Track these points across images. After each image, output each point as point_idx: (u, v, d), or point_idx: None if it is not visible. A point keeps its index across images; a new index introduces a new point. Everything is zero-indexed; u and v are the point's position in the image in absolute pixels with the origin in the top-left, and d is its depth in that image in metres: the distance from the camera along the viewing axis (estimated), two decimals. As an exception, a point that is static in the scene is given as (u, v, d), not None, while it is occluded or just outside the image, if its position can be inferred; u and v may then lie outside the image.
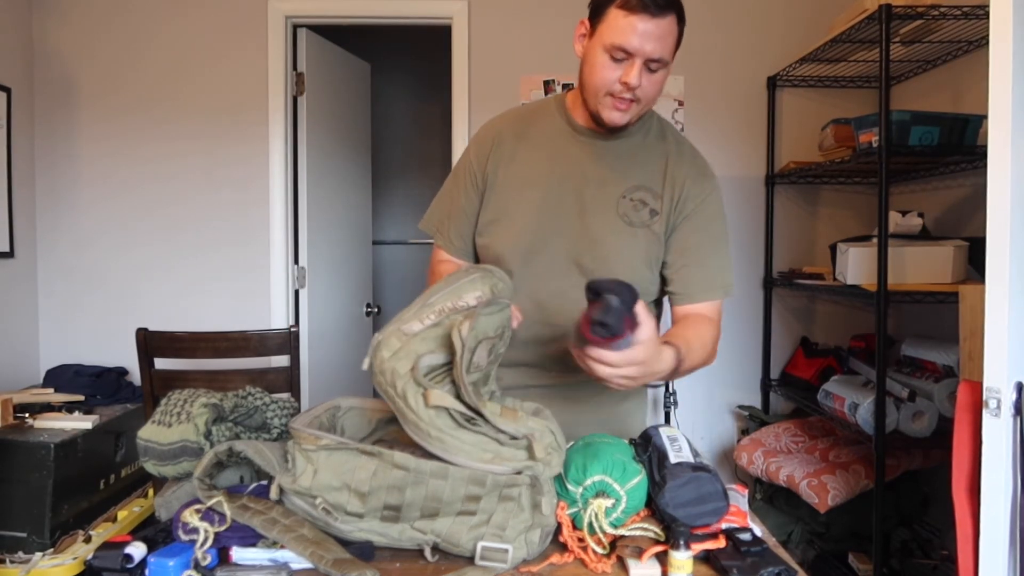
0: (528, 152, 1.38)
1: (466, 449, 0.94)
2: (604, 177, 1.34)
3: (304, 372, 3.03)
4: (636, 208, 1.32)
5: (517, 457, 0.96)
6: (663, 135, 1.39)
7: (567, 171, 1.35)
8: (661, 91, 1.28)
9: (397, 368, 0.97)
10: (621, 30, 1.17)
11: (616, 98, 1.24)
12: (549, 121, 1.39)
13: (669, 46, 1.20)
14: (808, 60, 2.75)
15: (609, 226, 1.32)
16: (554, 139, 1.37)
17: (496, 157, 1.38)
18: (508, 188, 1.37)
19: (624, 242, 1.32)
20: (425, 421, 0.94)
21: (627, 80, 1.20)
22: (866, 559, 2.36)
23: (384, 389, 0.98)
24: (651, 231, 1.33)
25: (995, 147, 1.45)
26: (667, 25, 1.17)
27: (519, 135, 1.39)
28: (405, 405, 0.95)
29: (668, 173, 1.35)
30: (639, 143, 1.37)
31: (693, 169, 1.37)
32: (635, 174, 1.34)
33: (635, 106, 1.25)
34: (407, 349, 0.99)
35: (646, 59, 1.19)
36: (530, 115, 1.42)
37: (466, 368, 0.95)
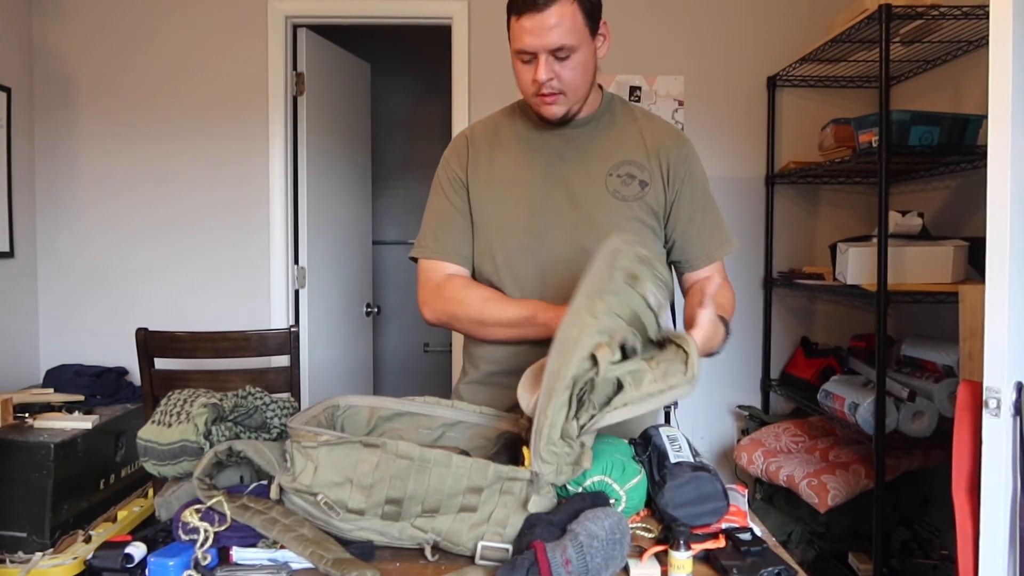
0: (504, 153, 1.40)
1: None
2: (585, 161, 1.37)
3: (304, 372, 3.03)
4: (625, 183, 1.35)
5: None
6: (630, 113, 1.44)
7: (547, 163, 1.37)
8: (589, 72, 1.31)
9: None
10: (517, 35, 1.23)
11: (541, 96, 1.28)
12: (517, 123, 1.42)
13: (566, 31, 1.22)
14: (808, 60, 2.75)
15: (603, 205, 1.34)
16: (526, 137, 1.40)
17: (474, 162, 1.40)
18: (492, 191, 1.38)
19: (620, 216, 1.34)
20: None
21: (537, 77, 1.25)
22: (866, 559, 2.36)
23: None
24: (645, 202, 1.36)
25: (995, 147, 1.45)
26: (557, 13, 1.21)
27: (491, 140, 1.42)
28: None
29: (647, 145, 1.39)
30: (608, 124, 1.40)
31: (669, 137, 1.42)
32: (615, 152, 1.37)
33: (563, 97, 1.28)
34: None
35: (548, 51, 1.23)
36: (497, 121, 1.45)
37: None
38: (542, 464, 0.97)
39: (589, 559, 0.85)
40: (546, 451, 0.96)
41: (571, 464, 0.98)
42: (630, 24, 3.05)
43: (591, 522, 0.89)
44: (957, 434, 1.57)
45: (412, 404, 1.29)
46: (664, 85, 3.07)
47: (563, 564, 0.84)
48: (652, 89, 3.07)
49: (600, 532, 0.87)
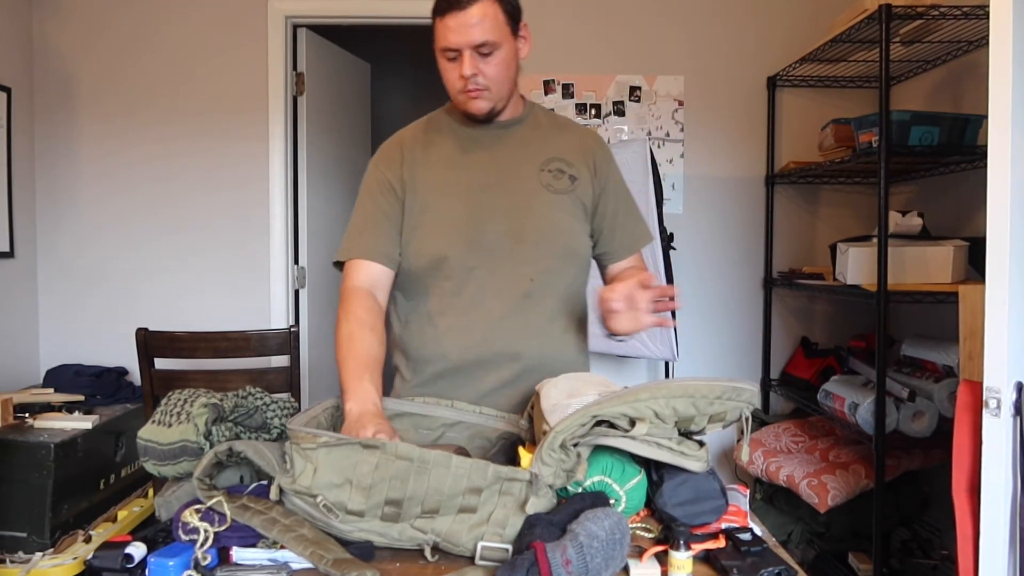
0: (437, 154, 1.43)
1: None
2: (516, 157, 1.42)
3: (304, 372, 3.03)
4: (556, 177, 1.41)
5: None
6: (553, 118, 1.52)
7: (480, 162, 1.41)
8: (511, 70, 1.35)
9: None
10: (442, 34, 1.28)
11: (466, 92, 1.32)
12: (447, 124, 1.46)
13: (488, 29, 1.27)
14: (808, 60, 2.75)
15: (538, 197, 1.39)
16: (457, 139, 1.44)
17: (410, 163, 1.42)
18: (430, 190, 1.40)
19: (555, 208, 1.40)
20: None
21: (462, 73, 1.30)
22: (866, 559, 2.36)
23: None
24: (575, 196, 1.42)
25: (995, 147, 1.45)
26: (479, 11, 1.26)
27: (424, 142, 1.45)
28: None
29: (574, 145, 1.46)
30: (534, 126, 1.46)
31: (592, 139, 1.50)
32: (544, 150, 1.44)
33: (487, 93, 1.33)
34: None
35: (472, 47, 1.27)
36: (427, 125, 1.49)
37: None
38: (542, 466, 0.97)
39: (589, 559, 0.85)
40: (547, 454, 0.97)
41: (566, 471, 1.00)
42: (630, 24, 3.05)
43: (591, 522, 0.89)
44: (957, 434, 1.57)
45: (412, 404, 1.29)
46: (664, 85, 3.07)
47: (563, 564, 0.84)
48: (652, 89, 3.07)
49: (600, 532, 0.87)
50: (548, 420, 1.06)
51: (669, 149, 3.08)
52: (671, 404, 1.01)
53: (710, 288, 3.10)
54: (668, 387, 1.02)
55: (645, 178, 2.60)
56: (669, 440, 1.02)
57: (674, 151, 3.08)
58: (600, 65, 3.06)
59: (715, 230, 3.10)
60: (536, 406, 1.15)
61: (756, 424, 2.93)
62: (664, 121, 3.08)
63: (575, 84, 3.07)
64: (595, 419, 1.01)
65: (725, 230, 3.10)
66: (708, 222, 3.09)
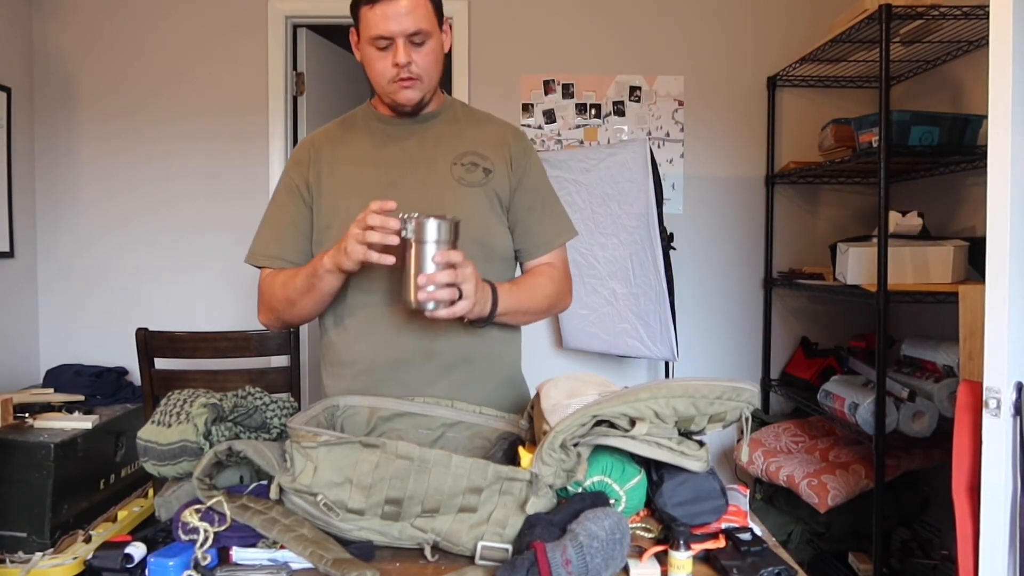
0: (349, 152, 1.42)
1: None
2: (430, 153, 1.41)
3: (304, 372, 3.03)
4: (469, 170, 1.40)
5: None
6: (471, 112, 1.50)
7: (392, 157, 1.40)
8: (440, 62, 1.36)
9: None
10: (374, 22, 1.27)
11: (399, 81, 1.32)
12: (361, 122, 1.46)
13: (421, 17, 1.27)
14: (808, 60, 2.75)
15: (449, 191, 1.38)
16: (371, 135, 1.43)
17: (317, 165, 1.42)
18: (338, 189, 1.39)
19: (465, 201, 1.37)
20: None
21: (397, 60, 1.28)
22: (866, 559, 2.36)
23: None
24: (489, 188, 1.40)
25: (995, 147, 1.45)
26: (411, 1, 1.26)
27: (335, 140, 1.45)
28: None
29: (490, 138, 1.44)
30: (451, 119, 1.45)
31: (509, 132, 1.47)
32: (459, 144, 1.42)
33: (419, 83, 1.33)
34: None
35: (405, 36, 1.27)
36: (341, 124, 1.49)
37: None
38: (542, 466, 0.97)
39: (589, 559, 0.85)
40: (547, 454, 0.97)
41: (566, 471, 1.00)
42: (630, 24, 3.05)
43: (591, 522, 0.89)
44: (957, 434, 1.57)
45: (412, 404, 1.29)
46: (664, 85, 3.07)
47: (563, 564, 0.84)
48: (652, 89, 3.07)
49: (600, 532, 0.87)
50: (548, 420, 1.06)
51: (669, 149, 3.08)
52: (671, 404, 1.01)
53: (710, 288, 3.10)
54: (668, 387, 1.02)
55: (645, 178, 2.60)
56: (669, 440, 1.02)
57: (674, 151, 3.08)
58: (600, 65, 3.06)
59: (715, 230, 3.10)
60: (536, 406, 1.15)
61: (756, 424, 2.93)
62: (664, 121, 3.08)
63: (575, 84, 3.07)
64: (595, 419, 1.01)
65: (725, 230, 3.10)
66: (708, 222, 3.09)
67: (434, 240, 1.15)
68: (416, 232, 1.15)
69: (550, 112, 3.06)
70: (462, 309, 1.17)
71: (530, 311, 1.39)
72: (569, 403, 1.06)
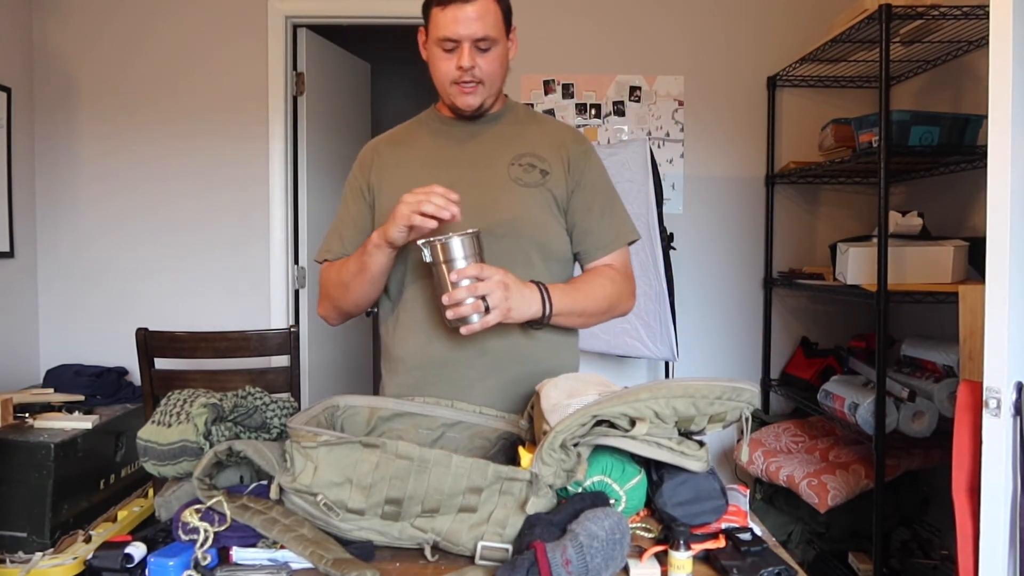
0: (410, 154, 1.45)
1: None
2: (488, 153, 1.42)
3: (304, 372, 3.03)
4: (526, 171, 1.40)
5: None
6: (531, 115, 1.52)
7: (452, 158, 1.42)
8: (504, 68, 1.38)
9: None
10: (443, 24, 1.30)
11: (460, 84, 1.34)
12: (424, 125, 1.49)
13: (490, 24, 1.30)
14: (808, 60, 2.75)
15: (506, 191, 1.38)
16: (432, 137, 1.46)
17: (378, 167, 1.44)
18: (398, 189, 1.38)
19: (523, 201, 1.38)
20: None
21: (461, 64, 1.31)
22: (866, 559, 2.36)
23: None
24: (546, 189, 1.40)
25: (995, 147, 1.45)
26: (482, 6, 1.29)
27: (397, 144, 1.48)
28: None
29: (549, 140, 1.44)
30: (511, 122, 1.46)
31: (569, 133, 1.48)
32: (518, 144, 1.43)
33: (481, 87, 1.35)
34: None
35: (472, 41, 1.30)
36: (405, 127, 1.52)
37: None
38: (542, 466, 0.97)
39: (589, 559, 0.85)
40: (547, 454, 0.97)
41: (566, 471, 1.00)
42: (630, 24, 3.05)
43: (591, 522, 0.89)
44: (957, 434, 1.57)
45: (411, 404, 1.29)
46: (664, 85, 3.07)
47: (563, 564, 0.84)
48: (652, 89, 3.07)
49: (600, 532, 0.87)
50: (548, 420, 1.06)
51: (669, 149, 3.08)
52: (671, 404, 1.01)
53: (710, 288, 3.10)
54: (668, 387, 1.02)
55: (645, 178, 2.60)
56: (669, 440, 1.02)
57: (674, 151, 3.08)
58: (600, 65, 3.06)
59: (715, 230, 3.10)
60: (536, 406, 1.15)
61: (756, 424, 2.93)
62: (664, 121, 3.08)
63: (575, 84, 3.07)
64: (595, 419, 1.01)
65: (725, 230, 3.10)
66: (708, 222, 3.09)
67: (446, 260, 1.18)
68: (432, 255, 1.18)
69: (550, 112, 3.06)
70: (492, 319, 1.19)
71: (586, 312, 1.38)
72: (569, 403, 1.06)
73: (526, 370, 1.37)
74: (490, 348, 1.35)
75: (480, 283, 1.17)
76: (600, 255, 1.43)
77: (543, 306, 1.27)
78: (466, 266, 1.17)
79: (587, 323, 1.42)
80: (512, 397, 1.34)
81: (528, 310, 1.25)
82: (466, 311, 1.17)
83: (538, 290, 1.28)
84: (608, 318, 1.44)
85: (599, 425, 1.02)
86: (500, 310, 1.19)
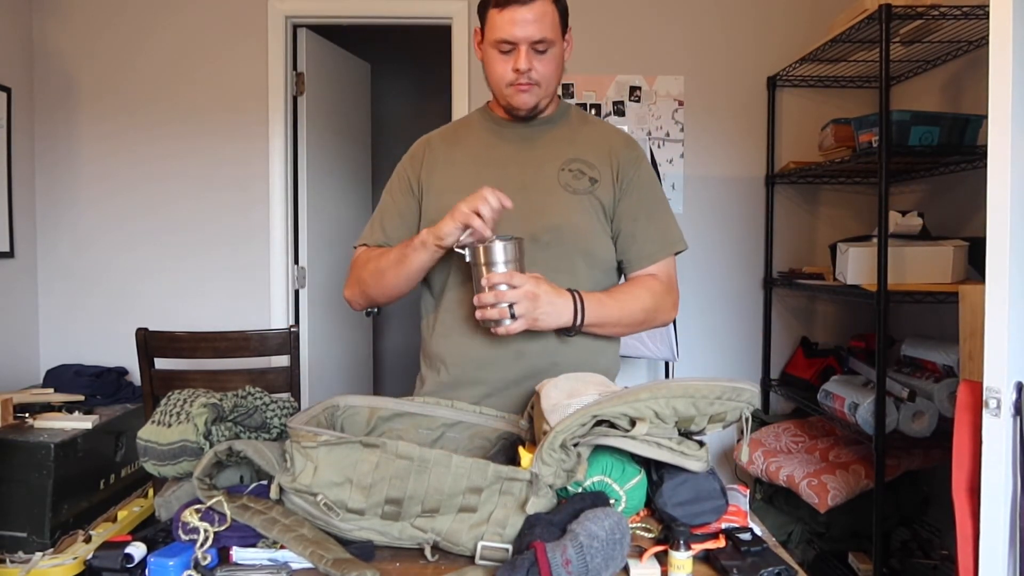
0: (462, 152, 1.45)
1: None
2: (539, 157, 1.41)
3: (304, 372, 3.03)
4: (576, 177, 1.40)
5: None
6: (584, 118, 1.51)
7: (503, 159, 1.42)
8: (560, 70, 1.38)
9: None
10: (500, 26, 1.30)
11: (516, 85, 1.34)
12: (477, 124, 1.48)
13: (547, 26, 1.30)
14: (808, 60, 2.75)
15: (553, 196, 1.38)
16: (484, 136, 1.45)
17: (429, 162, 1.45)
18: (447, 187, 1.41)
19: (571, 208, 1.38)
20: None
21: (518, 66, 1.31)
22: (866, 559, 2.36)
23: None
24: (595, 196, 1.40)
25: (995, 147, 1.45)
26: (539, 8, 1.29)
27: (450, 141, 1.47)
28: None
29: (600, 146, 1.44)
30: (564, 127, 1.46)
31: (620, 139, 1.48)
32: (568, 151, 1.43)
33: (537, 88, 1.35)
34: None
35: (529, 43, 1.30)
36: (458, 124, 1.52)
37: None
38: (542, 466, 0.97)
39: (589, 559, 0.85)
40: (547, 454, 0.98)
41: (566, 471, 1.00)
42: (630, 24, 3.05)
43: (591, 522, 0.89)
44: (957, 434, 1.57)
45: (412, 404, 1.29)
46: (664, 85, 3.07)
47: (563, 564, 0.84)
48: (652, 89, 3.07)
49: (600, 532, 0.87)
50: (548, 420, 1.06)
51: (669, 149, 3.08)
52: (671, 404, 1.01)
53: (710, 288, 3.10)
54: (668, 387, 1.02)
55: (645, 178, 2.60)
56: (669, 440, 1.02)
57: (674, 151, 3.08)
58: (600, 65, 3.06)
59: (715, 230, 3.10)
60: (536, 406, 1.15)
61: (756, 424, 2.93)
62: (664, 121, 3.08)
63: (575, 84, 3.07)
64: (595, 419, 1.01)
65: (725, 230, 3.10)
66: (708, 222, 3.09)
67: (486, 262, 1.21)
68: (472, 256, 1.22)
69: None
70: (517, 327, 1.21)
71: (621, 323, 1.37)
72: (569, 403, 1.06)
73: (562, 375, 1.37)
74: (526, 352, 1.36)
75: (510, 291, 1.19)
76: (644, 264, 1.42)
77: (575, 316, 1.28)
78: (503, 271, 1.20)
79: (622, 332, 1.42)
80: None
81: (558, 319, 1.26)
82: (492, 315, 1.20)
83: (571, 299, 1.28)
84: (645, 328, 1.44)
85: (599, 425, 1.02)
86: (526, 319, 1.22)
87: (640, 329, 1.43)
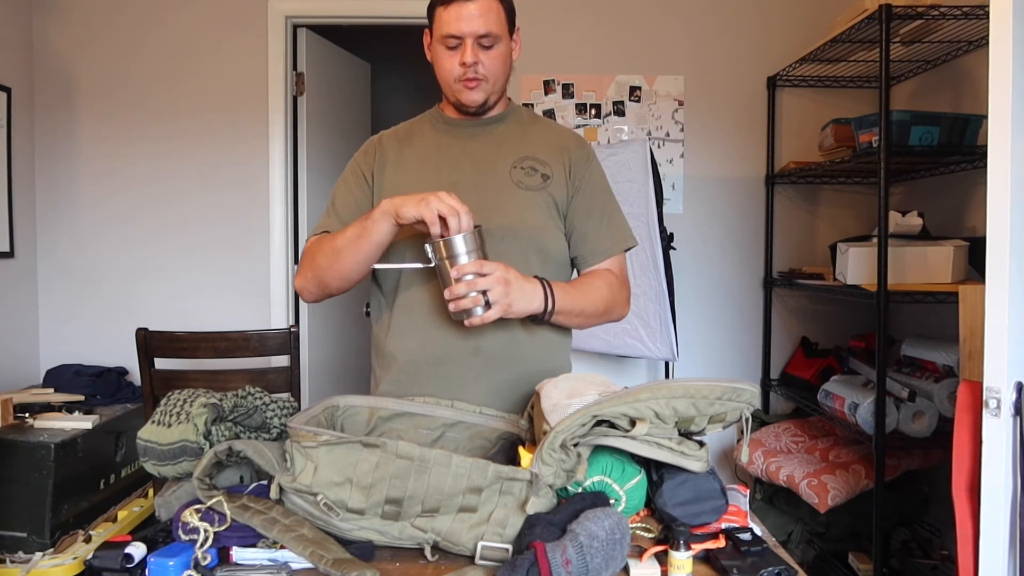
0: (412, 152, 1.45)
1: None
2: (491, 155, 1.42)
3: (304, 372, 3.03)
4: (528, 174, 1.41)
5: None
6: (534, 118, 1.52)
7: (454, 158, 1.42)
8: (507, 67, 1.40)
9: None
10: (446, 21, 1.32)
11: (464, 81, 1.36)
12: (427, 124, 1.49)
13: (492, 21, 1.32)
14: (808, 60, 2.75)
15: (506, 194, 1.39)
16: (435, 136, 1.46)
17: (381, 159, 1.45)
18: (398, 186, 1.40)
19: (524, 204, 1.39)
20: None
21: (464, 60, 1.33)
22: (866, 559, 2.36)
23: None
24: (547, 193, 1.41)
25: (995, 147, 1.45)
26: (484, 4, 1.31)
27: (401, 140, 1.48)
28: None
29: (551, 144, 1.45)
30: (515, 124, 1.47)
31: (571, 138, 1.49)
32: (520, 149, 1.44)
33: (484, 84, 1.37)
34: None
35: (475, 37, 1.32)
36: (409, 125, 1.53)
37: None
38: (542, 466, 0.97)
39: (589, 559, 0.85)
40: (547, 454, 0.98)
41: (566, 471, 1.00)
42: (630, 24, 3.05)
43: (591, 522, 0.89)
44: (957, 434, 1.57)
45: (412, 404, 1.29)
46: (664, 85, 3.07)
47: (563, 564, 0.84)
48: (652, 89, 3.07)
49: (600, 532, 0.87)
50: (548, 420, 1.06)
51: (669, 149, 3.08)
52: (671, 404, 1.01)
53: (710, 288, 3.10)
54: (668, 387, 1.02)
55: (645, 178, 2.60)
56: (669, 440, 1.02)
57: (674, 151, 3.08)
58: (600, 65, 3.06)
59: (715, 230, 3.10)
60: (536, 406, 1.15)
61: (756, 424, 2.93)
62: (664, 121, 3.08)
63: (575, 84, 3.07)
64: (595, 419, 1.01)
65: (725, 230, 3.10)
66: (708, 222, 3.09)
67: (449, 256, 1.19)
68: (435, 252, 1.20)
69: (550, 112, 3.06)
70: (493, 315, 1.20)
71: (584, 312, 1.38)
72: (569, 403, 1.06)
73: (520, 370, 1.37)
74: (484, 348, 1.35)
75: (481, 279, 1.19)
76: (597, 260, 1.44)
77: (545, 301, 1.28)
78: (468, 262, 1.19)
79: (584, 324, 1.42)
80: (506, 397, 1.34)
81: (530, 304, 1.26)
82: (467, 305, 1.19)
83: (541, 285, 1.28)
84: (603, 321, 1.44)
85: (599, 425, 1.02)
86: (501, 305, 1.20)
87: (599, 321, 1.43)
